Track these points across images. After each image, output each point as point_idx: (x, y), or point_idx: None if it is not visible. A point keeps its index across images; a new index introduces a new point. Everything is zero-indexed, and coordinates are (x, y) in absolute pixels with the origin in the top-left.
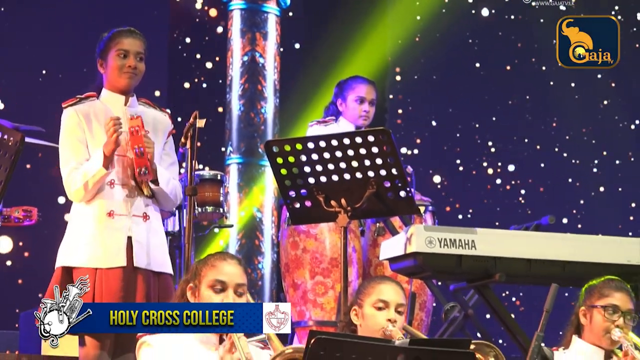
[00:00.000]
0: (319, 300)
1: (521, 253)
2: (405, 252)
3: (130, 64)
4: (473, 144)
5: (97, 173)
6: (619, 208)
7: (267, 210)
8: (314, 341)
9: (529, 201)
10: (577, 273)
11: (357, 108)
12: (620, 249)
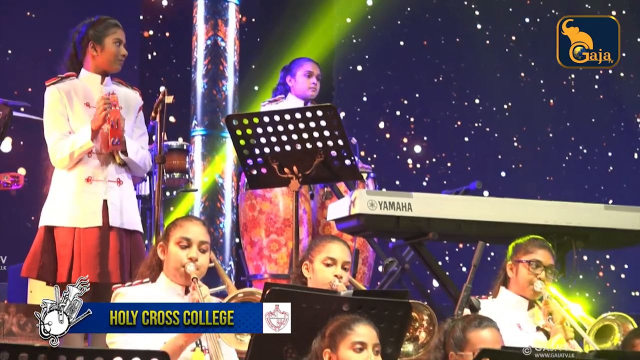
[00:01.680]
0: (274, 256)
1: (452, 214)
2: (350, 214)
3: (123, 53)
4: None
5: (85, 145)
6: (537, 180)
7: (227, 176)
8: (268, 292)
9: (454, 172)
10: (502, 232)
11: (306, 81)
12: (541, 211)
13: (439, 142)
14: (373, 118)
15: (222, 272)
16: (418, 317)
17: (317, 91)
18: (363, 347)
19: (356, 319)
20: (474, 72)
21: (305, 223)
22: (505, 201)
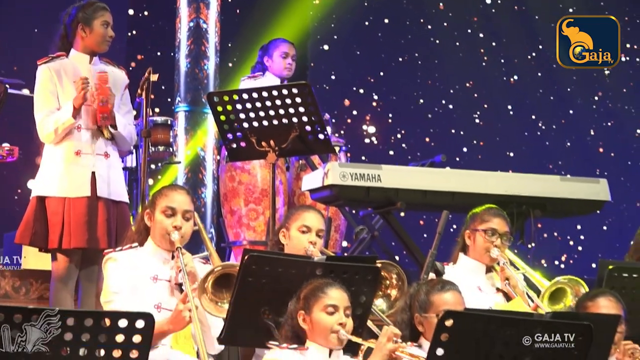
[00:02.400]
0: (252, 224)
1: (418, 185)
2: (323, 185)
3: (110, 34)
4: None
5: (67, 121)
6: (498, 155)
7: (209, 149)
8: (247, 257)
9: (418, 148)
10: (465, 202)
11: (282, 62)
12: (501, 182)
13: (403, 119)
14: (341, 96)
15: (205, 237)
16: (388, 276)
17: (292, 71)
18: (335, 309)
19: (329, 283)
20: (437, 51)
21: (282, 193)
22: (468, 173)
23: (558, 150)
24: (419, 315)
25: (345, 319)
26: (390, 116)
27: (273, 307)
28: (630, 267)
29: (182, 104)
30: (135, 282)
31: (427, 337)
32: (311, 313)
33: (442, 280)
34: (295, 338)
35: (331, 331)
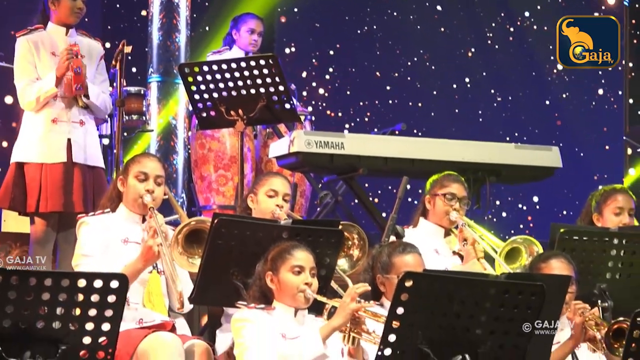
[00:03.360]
0: (221, 189)
1: (380, 152)
2: (289, 152)
3: (79, 6)
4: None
5: (50, 90)
6: (455, 126)
7: (180, 118)
8: (217, 221)
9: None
10: (424, 168)
11: (249, 37)
12: (459, 150)
13: (362, 91)
14: (300, 67)
15: (175, 203)
16: (349, 237)
17: (257, 47)
18: (301, 270)
19: (295, 245)
20: (395, 24)
21: (250, 160)
22: (428, 141)
23: (514, 122)
24: (381, 276)
25: (311, 279)
26: (348, 88)
27: (241, 268)
28: (581, 231)
29: (155, 75)
30: (107, 244)
31: (388, 297)
32: (278, 274)
33: (403, 242)
34: (263, 298)
35: (298, 290)
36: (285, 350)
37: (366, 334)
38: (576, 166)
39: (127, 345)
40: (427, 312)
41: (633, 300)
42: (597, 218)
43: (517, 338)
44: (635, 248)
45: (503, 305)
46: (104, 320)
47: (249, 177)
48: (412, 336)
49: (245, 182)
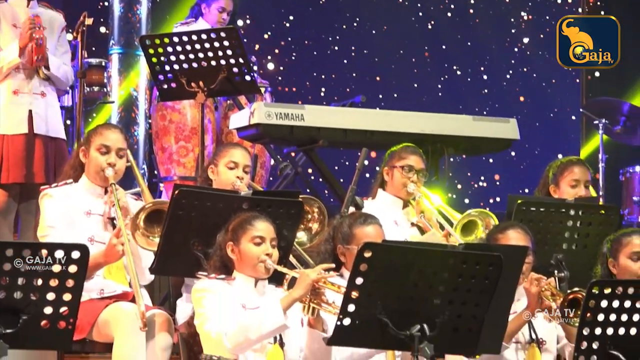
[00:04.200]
0: (182, 160)
1: (339, 124)
2: (250, 123)
3: None
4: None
5: (13, 60)
6: (413, 100)
7: (141, 90)
8: (177, 192)
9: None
10: (383, 140)
11: (218, 15)
12: (418, 121)
13: (319, 63)
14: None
15: (137, 174)
16: (310, 210)
17: (225, 24)
18: (262, 240)
19: (256, 216)
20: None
21: (210, 131)
22: (387, 113)
23: (474, 96)
24: (342, 247)
25: (272, 249)
26: (304, 61)
27: (202, 239)
28: (538, 202)
29: (116, 47)
30: (70, 216)
31: (348, 268)
32: (239, 244)
33: (364, 214)
34: (223, 268)
35: (258, 261)
36: (246, 320)
37: (326, 304)
38: (535, 139)
39: (88, 315)
40: (386, 282)
41: (589, 271)
42: (553, 190)
43: (475, 308)
44: (592, 219)
45: (461, 276)
46: (65, 290)
47: (209, 148)
48: (371, 306)
49: (205, 153)
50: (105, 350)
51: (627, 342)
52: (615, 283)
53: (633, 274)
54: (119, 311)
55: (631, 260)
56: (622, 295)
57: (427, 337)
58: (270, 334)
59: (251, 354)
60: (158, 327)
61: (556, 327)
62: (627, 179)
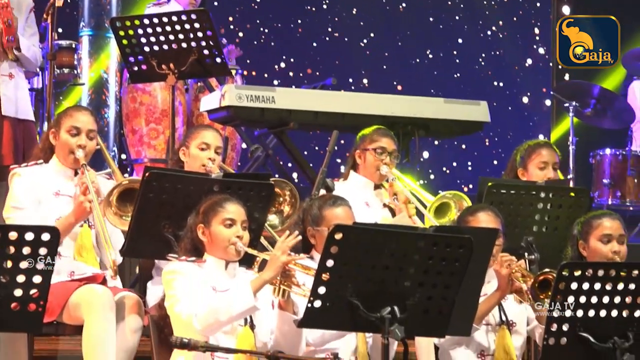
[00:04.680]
0: (153, 143)
1: (310, 106)
2: (220, 105)
3: None
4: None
5: None
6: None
7: (111, 72)
8: (148, 174)
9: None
10: (354, 123)
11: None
12: (389, 104)
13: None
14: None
15: (107, 156)
16: (281, 193)
17: (197, 6)
18: (233, 223)
19: (227, 198)
20: None
21: (181, 114)
22: (358, 95)
23: (446, 79)
24: (312, 229)
25: (242, 232)
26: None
27: (173, 221)
28: (508, 184)
29: (86, 29)
30: (39, 196)
31: (318, 250)
32: (210, 226)
33: (334, 196)
34: (194, 251)
35: (229, 243)
36: (216, 302)
37: (296, 286)
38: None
39: (58, 298)
40: (356, 264)
41: (559, 253)
42: (522, 172)
43: (445, 290)
44: (562, 202)
45: (431, 258)
46: (35, 272)
47: (180, 130)
48: (342, 288)
49: (176, 135)
50: (75, 333)
51: (596, 324)
52: (585, 265)
53: (603, 256)
54: (90, 293)
55: (601, 243)
56: (592, 277)
57: (398, 319)
58: (240, 315)
59: (222, 336)
60: (128, 309)
61: (526, 309)
62: (597, 161)
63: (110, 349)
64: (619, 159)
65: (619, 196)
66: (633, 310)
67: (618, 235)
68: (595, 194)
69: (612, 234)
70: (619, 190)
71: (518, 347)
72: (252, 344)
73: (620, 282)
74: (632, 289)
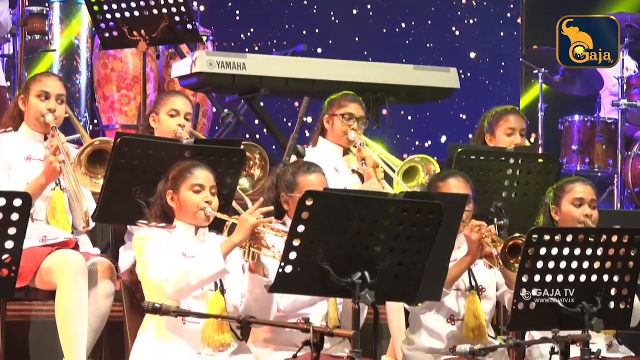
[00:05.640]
0: (124, 109)
1: (281, 73)
2: (192, 72)
3: None
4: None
5: None
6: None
7: (83, 38)
8: (119, 140)
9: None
10: (325, 89)
11: None
12: (359, 71)
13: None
14: None
15: (76, 123)
16: (251, 157)
17: None
18: (201, 188)
19: (195, 164)
20: None
21: (152, 80)
22: (328, 62)
23: (418, 48)
24: (285, 195)
25: (211, 197)
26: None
27: (145, 187)
28: (478, 151)
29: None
30: (9, 162)
31: (291, 216)
32: (179, 192)
33: (308, 162)
34: (164, 217)
35: (198, 209)
36: (187, 267)
37: (266, 249)
38: (477, 90)
39: (30, 263)
40: (327, 230)
41: (528, 219)
42: (489, 139)
43: (416, 256)
44: (531, 168)
45: (402, 224)
46: (7, 238)
47: (151, 97)
48: (313, 254)
49: (148, 102)
50: (48, 298)
51: (565, 289)
52: (554, 231)
53: (575, 220)
54: (62, 259)
55: (574, 206)
56: (561, 242)
57: (369, 285)
58: (211, 279)
59: (193, 301)
60: (100, 274)
61: (496, 275)
62: (566, 128)
63: (83, 314)
64: (587, 125)
65: (587, 162)
66: (601, 275)
67: (590, 199)
68: (564, 160)
69: (584, 198)
70: (587, 156)
71: (488, 312)
72: (222, 309)
73: (588, 247)
74: (601, 255)
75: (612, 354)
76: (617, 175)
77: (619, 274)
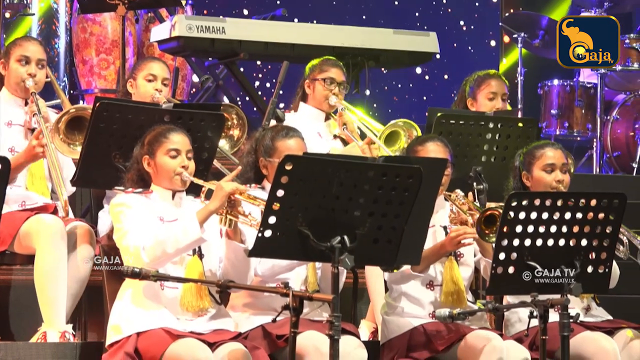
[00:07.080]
0: (103, 73)
1: (260, 37)
2: (171, 36)
3: None
4: None
5: None
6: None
7: (61, 2)
8: (98, 105)
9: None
10: (304, 53)
11: None
12: (339, 34)
13: None
14: None
15: (57, 88)
16: (228, 117)
17: None
18: (177, 153)
19: (171, 129)
20: None
21: (131, 44)
22: (308, 26)
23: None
24: (264, 159)
25: (188, 161)
26: None
27: (124, 151)
28: (457, 115)
29: None
30: None
31: (270, 180)
32: (155, 157)
33: (286, 127)
34: (141, 182)
35: (174, 174)
36: (163, 234)
37: (242, 216)
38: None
39: (9, 227)
40: (306, 194)
41: (507, 183)
42: (471, 103)
43: (395, 220)
44: (510, 132)
45: (381, 188)
46: None
47: (130, 61)
48: (292, 218)
49: (127, 66)
50: (27, 262)
51: (543, 253)
52: (533, 195)
53: (547, 185)
54: (41, 223)
55: (545, 172)
56: (540, 206)
57: (348, 249)
58: (187, 247)
59: (170, 266)
60: (79, 238)
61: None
62: (545, 92)
63: (62, 278)
64: (566, 90)
65: (566, 127)
66: (579, 239)
67: (561, 164)
68: (544, 124)
69: (555, 163)
70: (566, 120)
71: (466, 277)
72: (200, 273)
73: (567, 211)
74: (579, 218)
75: (589, 317)
76: (596, 139)
77: (597, 238)
